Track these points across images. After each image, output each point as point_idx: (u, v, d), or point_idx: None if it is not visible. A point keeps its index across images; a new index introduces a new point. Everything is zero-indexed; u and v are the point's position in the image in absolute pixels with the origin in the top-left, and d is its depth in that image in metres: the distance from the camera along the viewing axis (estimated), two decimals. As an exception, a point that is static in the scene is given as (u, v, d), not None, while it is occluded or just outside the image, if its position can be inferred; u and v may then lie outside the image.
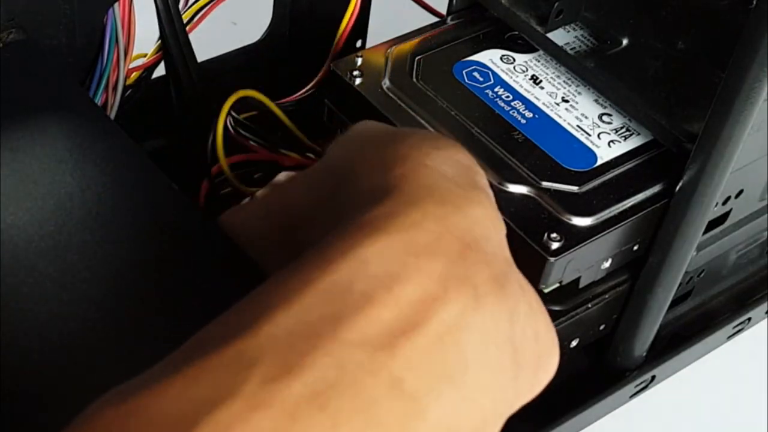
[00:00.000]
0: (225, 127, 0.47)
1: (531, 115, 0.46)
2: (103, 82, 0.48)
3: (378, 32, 0.54)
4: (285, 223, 0.34)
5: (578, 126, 0.46)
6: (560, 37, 0.49)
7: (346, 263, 0.26)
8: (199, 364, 0.24)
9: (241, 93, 0.48)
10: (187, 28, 0.50)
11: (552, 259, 0.40)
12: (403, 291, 0.26)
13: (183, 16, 0.50)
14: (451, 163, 0.31)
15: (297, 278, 0.26)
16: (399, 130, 0.35)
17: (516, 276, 0.30)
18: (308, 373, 0.24)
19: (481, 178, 0.32)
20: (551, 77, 0.48)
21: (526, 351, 0.29)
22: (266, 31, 0.56)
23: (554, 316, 0.44)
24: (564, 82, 0.48)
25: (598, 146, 0.45)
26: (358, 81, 0.47)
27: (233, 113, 0.48)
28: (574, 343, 0.47)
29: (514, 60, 0.49)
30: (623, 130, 0.46)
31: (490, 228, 0.29)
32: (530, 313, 0.29)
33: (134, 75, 0.50)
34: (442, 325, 0.26)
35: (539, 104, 0.47)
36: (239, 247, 0.37)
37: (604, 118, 0.47)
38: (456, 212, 0.28)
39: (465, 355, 0.26)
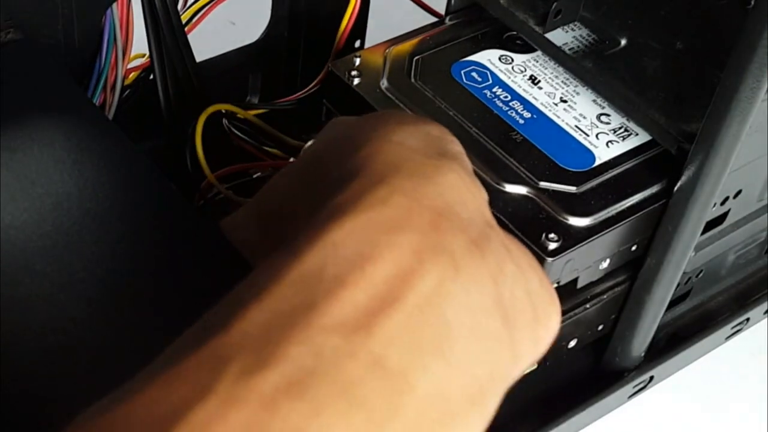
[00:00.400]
0: (220, 134, 0.47)
1: (529, 115, 0.46)
2: (102, 82, 0.48)
3: (376, 32, 0.54)
4: (273, 222, 0.34)
5: (576, 126, 0.46)
6: (559, 37, 0.49)
7: (316, 250, 0.26)
8: (174, 368, 0.24)
9: (212, 108, 0.48)
10: (186, 29, 0.50)
11: (550, 260, 0.40)
12: (375, 269, 0.25)
13: (182, 17, 0.50)
14: (418, 136, 0.30)
15: (267, 273, 0.26)
16: (367, 115, 0.34)
17: (499, 237, 0.29)
18: (283, 364, 0.23)
19: (454, 146, 0.31)
20: (549, 77, 0.48)
21: (518, 311, 0.28)
22: (265, 31, 0.56)
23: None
24: (562, 82, 0.48)
25: (596, 146, 0.45)
26: (356, 81, 0.47)
27: (225, 121, 0.49)
28: (572, 344, 0.47)
29: (512, 60, 0.49)
30: (621, 130, 0.46)
31: (465, 193, 0.29)
32: (518, 272, 0.28)
33: (132, 75, 0.50)
34: (420, 297, 0.25)
35: (537, 104, 0.47)
36: (237, 247, 0.37)
37: (603, 118, 0.47)
38: (425, 182, 0.28)
39: (449, 325, 0.26)
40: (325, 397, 0.23)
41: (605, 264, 0.44)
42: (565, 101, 0.47)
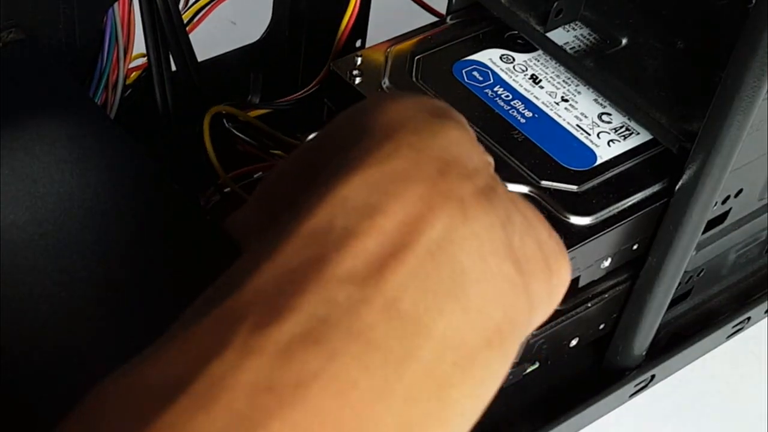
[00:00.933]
0: (220, 134, 0.47)
1: (530, 114, 0.46)
2: (103, 81, 0.48)
3: (378, 32, 0.54)
4: (277, 205, 0.34)
5: (578, 125, 0.46)
6: (560, 36, 0.49)
7: (325, 205, 0.26)
8: (188, 328, 0.24)
9: (215, 109, 0.48)
10: (187, 28, 0.50)
11: (551, 259, 0.40)
12: (385, 218, 0.26)
13: (183, 16, 0.50)
14: (424, 103, 0.30)
15: (278, 232, 0.26)
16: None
17: (504, 190, 0.29)
18: (297, 315, 0.24)
19: (460, 117, 0.31)
20: (551, 77, 0.48)
21: (530, 259, 0.28)
22: (266, 30, 0.56)
23: (554, 315, 0.44)
24: (563, 81, 0.48)
25: (597, 145, 0.45)
26: (357, 80, 0.47)
27: (227, 123, 0.49)
28: (573, 343, 0.47)
29: (513, 59, 0.49)
30: (623, 129, 0.46)
31: (470, 148, 0.29)
32: (526, 223, 0.29)
33: (134, 74, 0.50)
34: (431, 242, 0.26)
35: (539, 103, 0.47)
36: (240, 244, 0.37)
37: (604, 117, 0.47)
38: (431, 136, 0.28)
39: (462, 268, 0.26)
40: (340, 342, 0.24)
41: (606, 263, 0.44)
42: (566, 100, 0.47)
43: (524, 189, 0.43)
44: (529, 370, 0.46)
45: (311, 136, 0.40)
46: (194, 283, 0.36)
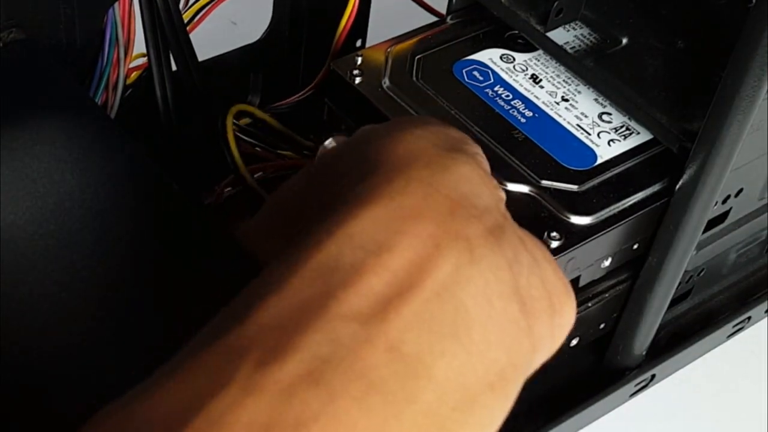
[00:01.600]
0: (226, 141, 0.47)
1: (531, 114, 0.46)
2: (104, 81, 0.48)
3: (378, 31, 0.54)
4: (289, 222, 0.34)
5: (578, 125, 0.46)
6: (560, 36, 0.49)
7: (333, 240, 0.26)
8: (192, 361, 0.24)
9: (238, 107, 0.48)
10: (187, 28, 0.50)
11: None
12: (392, 256, 0.26)
13: (183, 16, 0.50)
14: (437, 133, 0.30)
15: (285, 265, 0.26)
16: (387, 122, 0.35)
17: (514, 228, 0.29)
18: (301, 353, 0.24)
19: (472, 147, 0.31)
20: (551, 76, 0.48)
21: (535, 299, 0.28)
22: (266, 30, 0.56)
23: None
24: (564, 81, 0.48)
25: (597, 145, 0.45)
26: (358, 80, 0.47)
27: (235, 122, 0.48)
28: (574, 342, 0.47)
29: (513, 59, 0.49)
30: (623, 128, 0.46)
31: (480, 185, 0.29)
32: (533, 263, 0.29)
33: (134, 74, 0.50)
34: (437, 283, 0.26)
35: (539, 103, 0.47)
36: (241, 244, 0.37)
37: (604, 116, 0.47)
38: (442, 172, 0.28)
39: (467, 310, 0.26)
40: (341, 384, 0.23)
41: (607, 262, 0.44)
42: (566, 100, 0.47)
43: (524, 188, 0.43)
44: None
45: (328, 143, 0.40)
46: (194, 283, 0.36)
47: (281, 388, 0.23)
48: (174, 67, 0.50)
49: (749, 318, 0.56)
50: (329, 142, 0.41)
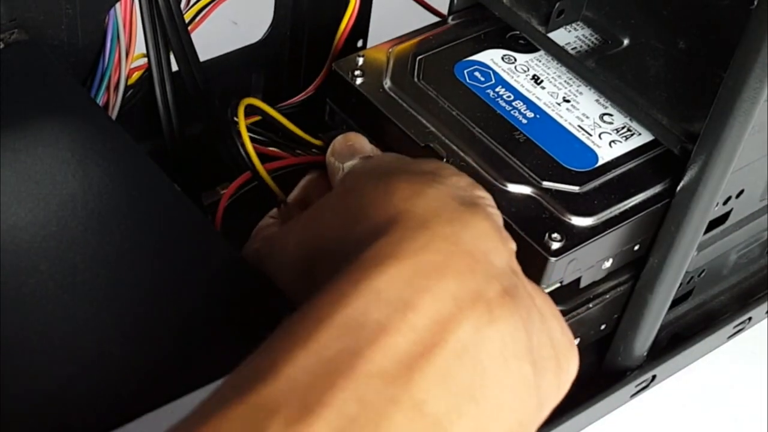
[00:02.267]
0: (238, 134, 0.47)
1: (532, 115, 0.46)
2: (105, 82, 0.48)
3: (379, 32, 0.54)
4: (303, 267, 0.35)
5: (579, 126, 0.46)
6: (561, 36, 0.49)
7: (360, 295, 0.27)
8: (223, 413, 0.24)
9: (247, 101, 0.48)
10: (189, 28, 0.50)
11: (553, 259, 0.40)
12: (416, 315, 0.26)
13: (184, 16, 0.50)
14: (453, 187, 0.32)
15: (312, 317, 0.26)
16: (403, 161, 0.36)
17: (524, 284, 0.30)
18: (329, 411, 0.24)
19: (485, 199, 0.33)
20: (552, 77, 0.48)
21: (544, 357, 0.29)
22: (267, 31, 0.56)
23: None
24: (565, 82, 0.48)
25: (599, 146, 0.45)
26: (359, 81, 0.47)
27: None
28: (575, 342, 0.47)
29: (515, 60, 0.49)
30: (624, 130, 0.46)
31: (497, 240, 0.30)
32: (542, 320, 0.30)
33: (136, 75, 0.50)
34: (458, 344, 0.26)
35: (540, 104, 0.47)
36: (235, 246, 0.37)
37: (605, 118, 0.47)
38: (463, 229, 0.29)
39: (484, 370, 0.27)
40: None
41: (608, 263, 0.44)
42: (567, 101, 0.47)
43: (526, 190, 0.43)
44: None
45: (351, 165, 0.40)
46: (194, 283, 0.36)
47: None
48: (175, 68, 0.50)
49: (750, 319, 0.56)
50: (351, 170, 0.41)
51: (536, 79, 0.48)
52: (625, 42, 0.48)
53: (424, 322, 0.26)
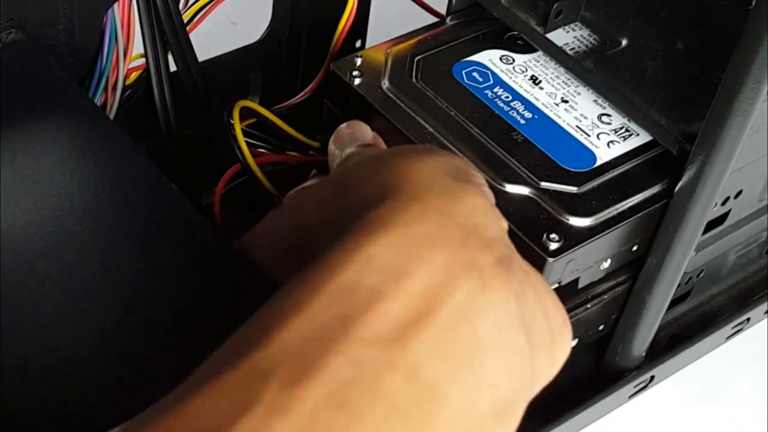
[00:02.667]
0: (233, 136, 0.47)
1: (530, 115, 0.46)
2: (103, 82, 0.48)
3: (378, 32, 0.54)
4: (297, 242, 0.35)
5: (577, 126, 0.46)
6: (559, 37, 0.49)
7: (353, 262, 0.26)
8: (216, 379, 0.24)
9: (242, 103, 0.48)
10: (187, 28, 0.50)
11: (551, 260, 0.40)
12: (410, 282, 0.26)
13: (183, 16, 0.50)
14: (447, 165, 0.32)
15: (306, 284, 0.26)
16: (401, 146, 0.36)
17: (518, 260, 0.30)
18: (324, 375, 0.24)
19: (479, 178, 0.33)
20: (551, 77, 0.48)
21: (537, 331, 0.29)
22: (266, 31, 0.56)
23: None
24: (563, 82, 0.48)
25: (597, 147, 0.45)
26: (357, 81, 0.47)
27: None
28: (573, 343, 0.47)
29: (513, 60, 0.49)
30: (622, 130, 0.46)
31: (489, 216, 0.30)
32: (537, 296, 0.30)
33: (134, 75, 0.50)
34: (452, 311, 0.26)
35: (538, 104, 0.47)
36: (238, 244, 0.37)
37: (604, 118, 0.47)
38: (455, 202, 0.29)
39: (479, 339, 0.27)
40: (364, 407, 0.24)
41: (606, 264, 0.44)
42: (566, 101, 0.47)
43: (524, 190, 0.43)
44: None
45: (346, 155, 0.40)
46: (193, 283, 0.36)
47: (306, 411, 0.23)
48: (173, 68, 0.50)
49: (748, 319, 0.56)
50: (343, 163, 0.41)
51: (534, 80, 0.48)
52: (624, 42, 0.48)
53: (418, 289, 0.26)
